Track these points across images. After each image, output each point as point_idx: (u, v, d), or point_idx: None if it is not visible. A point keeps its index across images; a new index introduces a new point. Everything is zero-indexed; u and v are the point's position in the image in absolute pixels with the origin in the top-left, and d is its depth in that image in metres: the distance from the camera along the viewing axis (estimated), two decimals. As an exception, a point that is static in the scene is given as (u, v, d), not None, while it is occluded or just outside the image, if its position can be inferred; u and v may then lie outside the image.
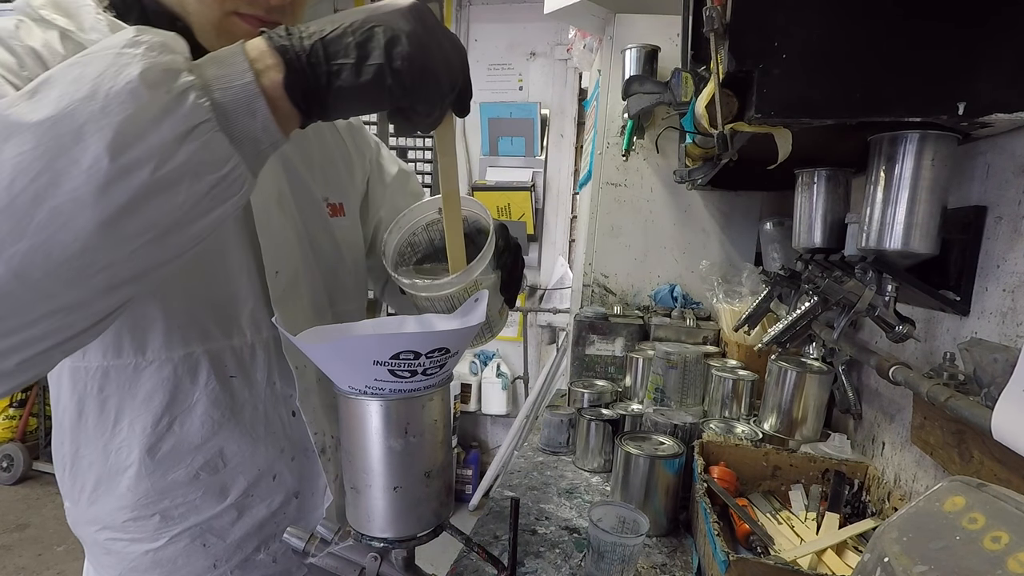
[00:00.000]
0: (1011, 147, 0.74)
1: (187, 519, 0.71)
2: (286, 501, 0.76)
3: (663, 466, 0.96)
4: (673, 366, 1.30)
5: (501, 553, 0.86)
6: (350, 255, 0.85)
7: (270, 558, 0.77)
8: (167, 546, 0.71)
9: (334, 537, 0.65)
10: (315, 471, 0.78)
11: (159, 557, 0.72)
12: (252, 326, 0.71)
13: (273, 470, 0.75)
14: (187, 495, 0.71)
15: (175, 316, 0.66)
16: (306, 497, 0.78)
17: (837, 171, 0.96)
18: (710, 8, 0.67)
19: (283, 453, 0.75)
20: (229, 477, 0.72)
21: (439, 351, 0.54)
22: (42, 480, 3.39)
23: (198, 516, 0.72)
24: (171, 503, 0.70)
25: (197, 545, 0.72)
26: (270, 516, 0.75)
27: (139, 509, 0.70)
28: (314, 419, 0.76)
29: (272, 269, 0.70)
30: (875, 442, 1.03)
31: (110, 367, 0.66)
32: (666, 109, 1.53)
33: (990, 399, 0.61)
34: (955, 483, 0.44)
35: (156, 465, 0.69)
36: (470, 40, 3.50)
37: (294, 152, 0.76)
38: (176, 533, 0.71)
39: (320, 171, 0.80)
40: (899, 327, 0.79)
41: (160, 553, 0.72)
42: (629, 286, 1.87)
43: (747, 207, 1.80)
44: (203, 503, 0.72)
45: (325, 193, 0.80)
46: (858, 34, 0.66)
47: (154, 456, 0.68)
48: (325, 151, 0.83)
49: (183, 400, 0.68)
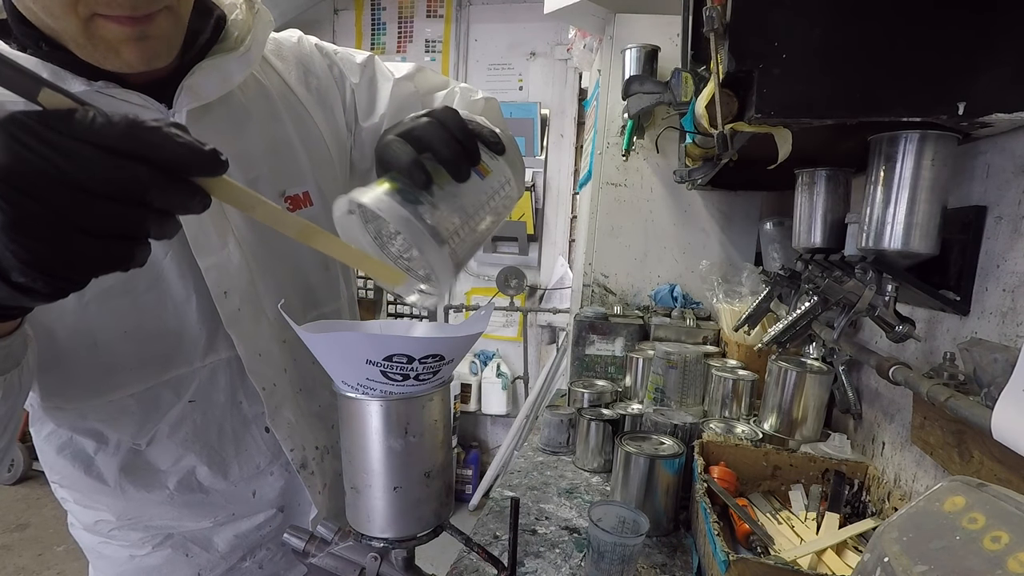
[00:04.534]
0: (1011, 147, 0.74)
1: (168, 531, 0.72)
2: (270, 516, 0.76)
3: (663, 466, 0.96)
4: (673, 366, 1.30)
5: (501, 553, 0.86)
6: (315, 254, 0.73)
7: (256, 565, 0.77)
8: (152, 554, 0.73)
9: (334, 537, 0.65)
10: (297, 485, 0.76)
11: (145, 564, 0.73)
12: (210, 350, 0.68)
13: (251, 487, 0.74)
14: (165, 512, 0.71)
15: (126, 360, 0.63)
16: (291, 510, 0.78)
17: (837, 171, 0.96)
18: (710, 8, 0.67)
19: (260, 471, 0.74)
20: (205, 496, 0.72)
21: (433, 357, 0.54)
22: (42, 480, 3.38)
23: (179, 529, 0.72)
24: (152, 515, 0.71)
25: (180, 555, 0.73)
26: (254, 529, 0.76)
27: (122, 521, 0.72)
28: (289, 435, 0.73)
29: (220, 290, 0.64)
30: (875, 442, 1.03)
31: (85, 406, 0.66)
32: (666, 109, 1.53)
33: (990, 399, 0.61)
34: (955, 483, 0.44)
35: (132, 484, 0.69)
36: (470, 40, 3.50)
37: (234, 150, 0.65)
38: (158, 543, 0.72)
39: (270, 163, 0.70)
40: (899, 327, 0.79)
41: (145, 560, 0.73)
42: (629, 286, 1.87)
43: (747, 207, 1.80)
44: (182, 518, 0.72)
45: (281, 187, 0.71)
46: (858, 34, 0.66)
47: (129, 476, 0.69)
48: (274, 137, 0.71)
49: (148, 427, 0.68)
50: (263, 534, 0.76)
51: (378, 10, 3.58)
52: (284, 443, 0.73)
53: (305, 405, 0.77)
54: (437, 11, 3.50)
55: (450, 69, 3.51)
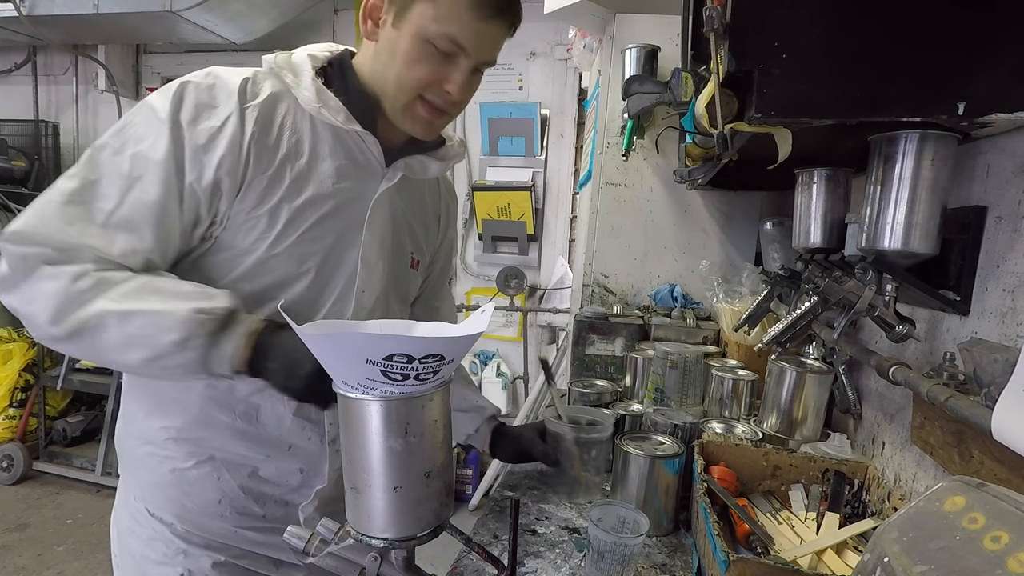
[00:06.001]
0: (1011, 147, 0.74)
1: (215, 451, 0.85)
2: (292, 471, 0.88)
3: (663, 466, 0.96)
4: (673, 366, 1.30)
5: (501, 553, 0.86)
6: (407, 301, 1.02)
7: (262, 513, 0.88)
8: (192, 470, 0.85)
9: (334, 537, 0.65)
10: (323, 456, 0.88)
11: (182, 478, 0.85)
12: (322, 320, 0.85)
13: (291, 441, 0.87)
14: (221, 433, 0.84)
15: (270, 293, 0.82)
16: (309, 475, 0.89)
17: (837, 171, 0.96)
18: (710, 8, 0.67)
19: (303, 431, 0.87)
20: (258, 431, 0.85)
21: (433, 357, 0.54)
22: (42, 480, 3.38)
23: (223, 452, 0.85)
24: (208, 433, 0.84)
25: (213, 477, 0.85)
26: (276, 476, 0.87)
27: (183, 431, 0.84)
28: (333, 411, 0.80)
29: (360, 288, 0.87)
30: (875, 442, 1.03)
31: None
32: (666, 109, 1.53)
33: (990, 399, 0.61)
34: (955, 483, 0.44)
35: (210, 398, 0.83)
36: (470, 40, 3.49)
37: (404, 212, 0.95)
38: (202, 460, 0.85)
39: (415, 231, 0.99)
40: (899, 327, 0.79)
41: (184, 475, 0.85)
42: (629, 286, 1.87)
43: (747, 207, 1.80)
44: (231, 443, 0.85)
45: (412, 248, 0.98)
46: (858, 34, 0.66)
47: (212, 390, 0.83)
48: (424, 218, 1.01)
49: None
50: (280, 483, 0.88)
51: (378, 10, 3.57)
52: (328, 416, 0.86)
53: None
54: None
55: (450, 69, 3.51)
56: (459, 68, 0.80)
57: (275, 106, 0.81)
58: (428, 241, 1.04)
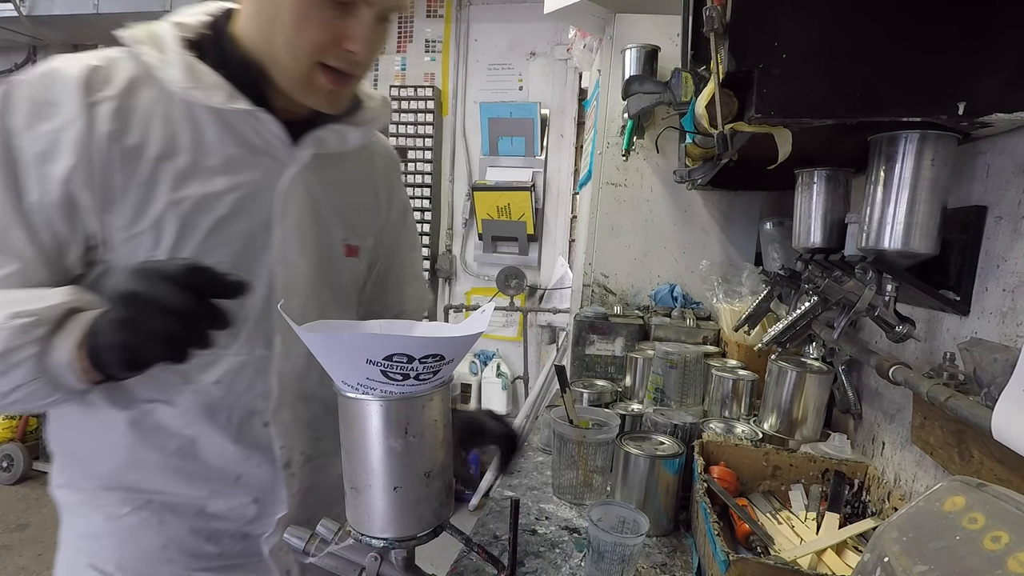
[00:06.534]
0: (1011, 147, 0.74)
1: (152, 495, 0.75)
2: (244, 503, 0.79)
3: (663, 466, 0.96)
4: (673, 366, 1.30)
5: (501, 553, 0.86)
6: (349, 293, 0.90)
7: (217, 551, 0.79)
8: (128, 517, 0.75)
9: (334, 537, 0.65)
10: (278, 482, 0.79)
11: (118, 527, 0.76)
12: (247, 343, 0.75)
13: (238, 471, 0.77)
14: (156, 475, 0.75)
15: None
16: (265, 504, 0.80)
17: (837, 171, 0.96)
18: (710, 8, 0.67)
19: (250, 459, 0.77)
20: (198, 467, 0.75)
21: (433, 357, 0.54)
22: (42, 480, 3.38)
23: (162, 495, 0.75)
24: (141, 477, 0.74)
25: (153, 522, 0.76)
26: (227, 512, 0.78)
27: (112, 477, 0.75)
28: (283, 433, 0.78)
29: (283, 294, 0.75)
30: (875, 442, 1.03)
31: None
32: (666, 109, 1.53)
33: (990, 399, 0.61)
34: (955, 483, 0.44)
35: (136, 438, 0.73)
36: (470, 40, 3.50)
37: (325, 195, 0.81)
38: (138, 506, 0.75)
39: (345, 214, 0.85)
40: (899, 327, 0.79)
41: (121, 522, 0.75)
42: (629, 286, 1.87)
43: (747, 207, 1.80)
44: (169, 484, 0.75)
45: (344, 235, 0.85)
46: (858, 34, 0.66)
47: (136, 430, 0.72)
48: (355, 195, 0.88)
49: (170, 390, 0.73)
50: (232, 519, 0.79)
51: (378, 10, 3.57)
52: (276, 440, 0.78)
53: (302, 412, 0.82)
54: (437, 11, 3.51)
55: (450, 69, 3.51)
56: (360, 20, 0.65)
57: (137, 93, 0.67)
58: (366, 220, 0.90)
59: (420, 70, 3.57)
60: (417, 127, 3.48)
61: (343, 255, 0.86)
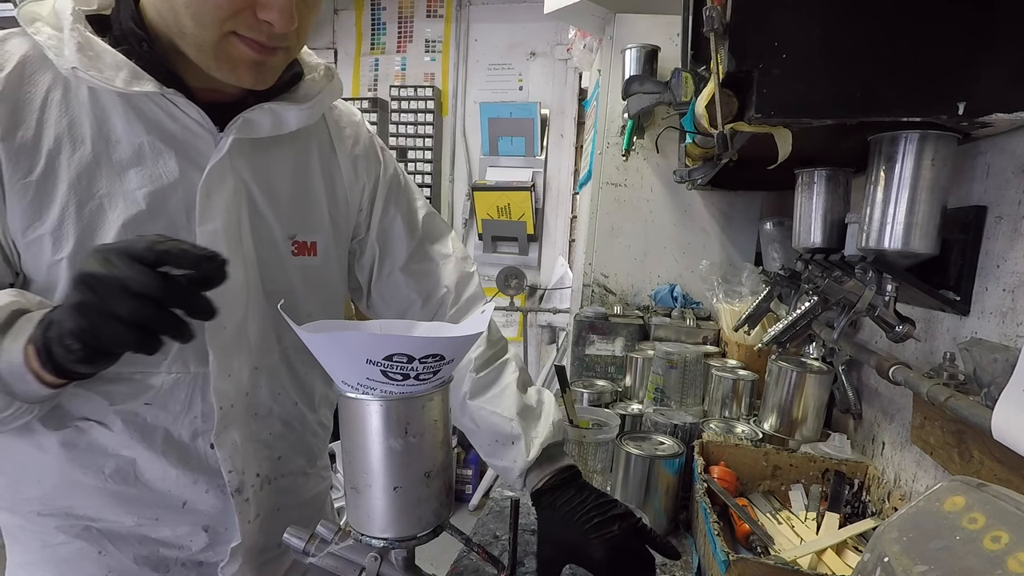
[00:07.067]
0: (1011, 147, 0.74)
1: (89, 522, 0.70)
2: (193, 531, 0.73)
3: (663, 466, 0.96)
4: (673, 366, 1.30)
5: (501, 553, 0.86)
6: (317, 295, 0.79)
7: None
8: (64, 546, 0.70)
9: (334, 537, 0.65)
10: (229, 509, 0.73)
11: (55, 555, 0.70)
12: (178, 361, 0.68)
13: (184, 497, 0.71)
14: (93, 499, 0.69)
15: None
16: (217, 532, 0.74)
17: (837, 171, 0.96)
18: (710, 8, 0.67)
19: (197, 484, 0.71)
20: (138, 491, 0.70)
21: (433, 357, 0.54)
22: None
23: (101, 522, 0.70)
24: (76, 502, 0.69)
25: (92, 551, 0.70)
26: (174, 540, 0.72)
27: (46, 502, 0.69)
28: (231, 456, 0.72)
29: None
30: (875, 442, 1.03)
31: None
32: (666, 109, 1.53)
33: (990, 399, 0.61)
34: (955, 483, 0.44)
35: (69, 459, 0.67)
36: (470, 40, 3.50)
37: (264, 187, 0.72)
38: (74, 534, 0.70)
39: (289, 208, 0.75)
40: (899, 327, 0.79)
41: (57, 551, 0.70)
42: (629, 286, 1.87)
43: (747, 207, 1.80)
44: (107, 510, 0.69)
45: (292, 231, 0.75)
46: (858, 34, 0.66)
47: (69, 451, 0.67)
48: (305, 184, 0.77)
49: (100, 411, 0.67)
50: (181, 547, 0.73)
51: (378, 10, 3.57)
52: (224, 463, 0.71)
53: (255, 430, 0.75)
54: (437, 11, 3.50)
55: (450, 69, 3.51)
56: None
57: (30, 79, 0.60)
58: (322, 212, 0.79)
59: (420, 70, 3.57)
60: (417, 127, 3.48)
61: (292, 255, 0.75)
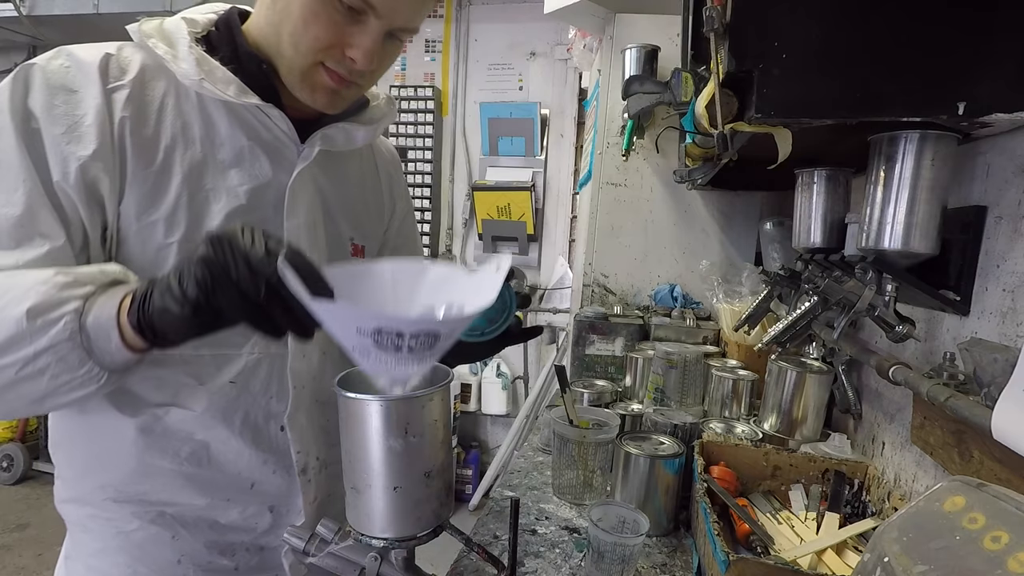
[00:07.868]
0: (1011, 147, 0.74)
1: (163, 507, 0.73)
2: (259, 512, 0.77)
3: (663, 466, 0.96)
4: (673, 366, 1.30)
5: (501, 553, 0.86)
6: None
7: (233, 565, 0.77)
8: (139, 531, 0.73)
9: (334, 537, 0.65)
10: (294, 489, 0.78)
11: (129, 542, 0.73)
12: (261, 343, 0.73)
13: (253, 478, 0.75)
14: (167, 483, 0.72)
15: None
16: (281, 513, 0.78)
17: (837, 171, 0.96)
18: (710, 8, 0.67)
19: (266, 465, 0.76)
20: (211, 473, 0.74)
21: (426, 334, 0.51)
22: (42, 480, 3.39)
23: (174, 506, 0.73)
24: (152, 487, 0.72)
25: (166, 536, 0.74)
26: (241, 522, 0.76)
27: (121, 488, 0.72)
28: (299, 438, 0.77)
29: None
30: (875, 442, 1.03)
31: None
32: (666, 109, 1.53)
33: (990, 399, 0.61)
34: (955, 483, 0.44)
35: (147, 445, 0.71)
36: (470, 40, 3.50)
37: (334, 193, 0.82)
38: (150, 519, 0.73)
39: (353, 213, 0.86)
40: (899, 327, 0.79)
41: (131, 537, 0.73)
42: (629, 286, 1.87)
43: (747, 207, 1.80)
44: (181, 493, 0.73)
45: (351, 234, 0.85)
46: (858, 34, 0.66)
47: (147, 436, 0.70)
48: (362, 195, 0.88)
49: (184, 393, 0.71)
50: (248, 529, 0.77)
51: (378, 10, 3.57)
52: (293, 444, 0.76)
53: (318, 416, 0.80)
54: (437, 11, 3.50)
55: (450, 69, 3.51)
56: (367, 31, 0.66)
57: (149, 84, 0.68)
58: (373, 221, 0.91)
59: (420, 70, 3.57)
60: (417, 127, 3.48)
61: (350, 255, 0.85)
